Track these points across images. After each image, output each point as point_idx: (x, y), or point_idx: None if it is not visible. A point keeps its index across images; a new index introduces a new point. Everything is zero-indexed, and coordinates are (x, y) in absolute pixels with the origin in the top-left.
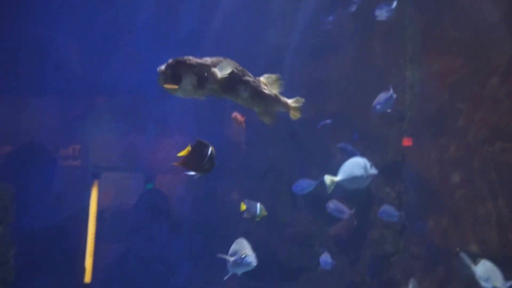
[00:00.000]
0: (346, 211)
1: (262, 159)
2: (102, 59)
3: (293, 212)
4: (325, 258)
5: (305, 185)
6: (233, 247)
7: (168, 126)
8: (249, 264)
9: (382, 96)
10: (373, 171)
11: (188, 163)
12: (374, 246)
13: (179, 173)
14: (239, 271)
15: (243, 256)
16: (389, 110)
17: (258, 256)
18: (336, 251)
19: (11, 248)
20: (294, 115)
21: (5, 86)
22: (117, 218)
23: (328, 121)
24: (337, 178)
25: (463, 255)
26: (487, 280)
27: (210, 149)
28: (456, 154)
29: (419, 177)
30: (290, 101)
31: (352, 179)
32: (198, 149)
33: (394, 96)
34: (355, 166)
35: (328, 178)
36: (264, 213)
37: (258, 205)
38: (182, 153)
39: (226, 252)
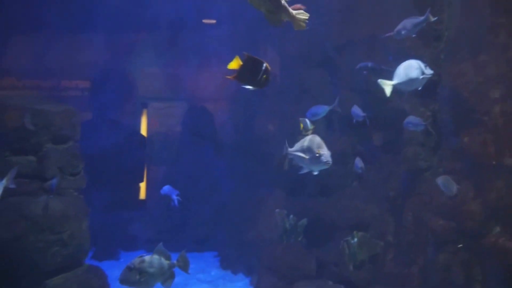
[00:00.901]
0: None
1: (297, 83)
2: None
3: (328, 132)
4: (357, 162)
5: (320, 110)
6: (306, 144)
7: (208, 56)
8: (326, 163)
9: (409, 21)
10: (429, 71)
11: (242, 76)
12: (407, 162)
13: (220, 100)
14: (316, 169)
15: (319, 155)
16: (414, 35)
17: (295, 174)
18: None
19: (80, 161)
20: (299, 26)
21: (62, 26)
22: (165, 142)
23: (369, 64)
24: (393, 82)
25: None
26: None
27: (265, 64)
28: (496, 70)
29: (456, 95)
30: (295, 12)
31: (409, 81)
32: (251, 63)
33: (431, 18)
34: (410, 68)
35: (384, 83)
36: (312, 127)
37: (307, 120)
38: (233, 65)
39: (266, 172)
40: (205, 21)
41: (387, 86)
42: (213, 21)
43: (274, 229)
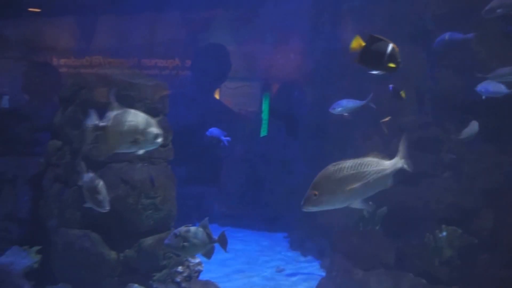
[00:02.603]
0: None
1: None
2: None
3: (418, 115)
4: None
5: (349, 104)
6: None
7: (285, 32)
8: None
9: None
10: None
11: (364, 60)
12: None
13: (296, 79)
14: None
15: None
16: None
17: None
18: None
19: (170, 133)
20: None
21: (141, 6)
22: (238, 121)
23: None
24: None
25: None
26: None
27: (391, 45)
28: None
29: None
30: None
31: None
32: (374, 45)
33: None
34: None
35: None
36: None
37: None
38: (354, 45)
39: (341, 155)
40: None
41: None
42: None
43: (350, 215)
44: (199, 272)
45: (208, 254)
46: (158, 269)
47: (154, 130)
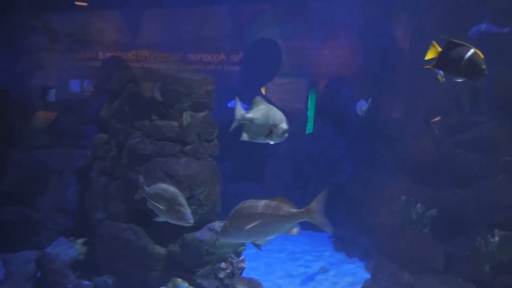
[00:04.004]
0: None
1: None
2: None
3: (472, 113)
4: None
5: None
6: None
7: (335, 27)
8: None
9: None
10: None
11: (441, 64)
12: None
13: (345, 76)
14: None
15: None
16: None
17: (423, 160)
18: None
19: (215, 129)
20: None
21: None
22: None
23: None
24: None
25: None
26: None
27: (472, 50)
28: None
29: None
30: None
31: None
32: (452, 50)
33: None
34: None
35: None
36: None
37: None
38: (430, 54)
39: (390, 156)
40: None
41: None
42: None
43: (397, 216)
44: (242, 269)
45: (239, 251)
46: (201, 265)
47: (284, 126)
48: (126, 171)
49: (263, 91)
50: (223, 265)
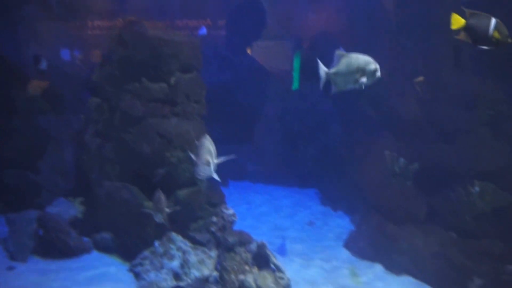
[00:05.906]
0: None
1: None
2: None
3: (457, 71)
4: None
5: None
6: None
7: None
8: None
9: None
10: None
11: (470, 35)
12: None
13: (330, 37)
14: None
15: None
16: None
17: (408, 117)
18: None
19: (203, 90)
20: None
21: None
22: (272, 80)
23: None
24: None
25: None
26: None
27: (494, 20)
28: None
29: None
30: None
31: None
32: (477, 21)
33: None
34: None
35: None
36: None
37: None
38: (455, 25)
39: (377, 114)
40: None
41: None
42: None
43: (383, 171)
44: (233, 222)
45: None
46: (194, 220)
47: (373, 65)
48: (119, 133)
49: (248, 51)
50: (214, 219)
